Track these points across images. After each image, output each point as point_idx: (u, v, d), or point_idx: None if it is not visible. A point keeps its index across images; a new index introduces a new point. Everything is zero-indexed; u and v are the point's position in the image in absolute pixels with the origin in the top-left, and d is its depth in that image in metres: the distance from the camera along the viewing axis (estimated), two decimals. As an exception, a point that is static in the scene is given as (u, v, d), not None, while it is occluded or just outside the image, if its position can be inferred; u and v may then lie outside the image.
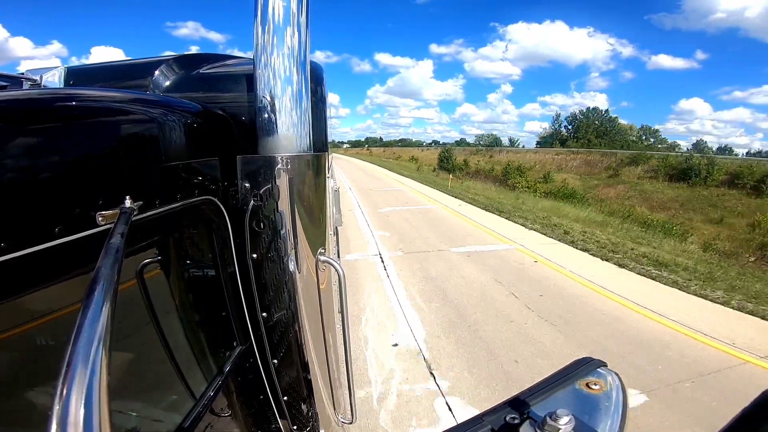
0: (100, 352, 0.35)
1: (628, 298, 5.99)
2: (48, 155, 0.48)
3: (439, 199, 16.38)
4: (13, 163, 0.44)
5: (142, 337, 0.79)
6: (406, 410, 3.41)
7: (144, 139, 0.64)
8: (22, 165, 0.45)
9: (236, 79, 1.08)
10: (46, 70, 1.09)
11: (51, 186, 0.47)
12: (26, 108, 0.48)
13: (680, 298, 6.24)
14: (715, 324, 5.24)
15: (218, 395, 0.88)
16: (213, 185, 0.80)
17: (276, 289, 0.86)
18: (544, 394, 0.64)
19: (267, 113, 0.79)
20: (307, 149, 0.83)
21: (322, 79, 1.05)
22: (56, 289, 0.50)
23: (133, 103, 0.66)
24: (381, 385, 3.75)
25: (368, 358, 4.19)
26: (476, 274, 6.87)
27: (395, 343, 4.52)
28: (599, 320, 5.27)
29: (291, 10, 0.77)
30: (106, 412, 0.33)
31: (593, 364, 0.73)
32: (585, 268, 7.38)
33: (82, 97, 0.60)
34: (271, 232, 0.81)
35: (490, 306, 5.61)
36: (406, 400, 3.55)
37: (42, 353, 0.60)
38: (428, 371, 4.01)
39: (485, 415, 0.60)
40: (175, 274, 0.86)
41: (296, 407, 1.00)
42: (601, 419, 0.61)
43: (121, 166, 0.58)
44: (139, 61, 1.14)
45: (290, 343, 0.92)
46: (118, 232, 0.47)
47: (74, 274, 0.51)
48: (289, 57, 0.78)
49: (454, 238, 9.51)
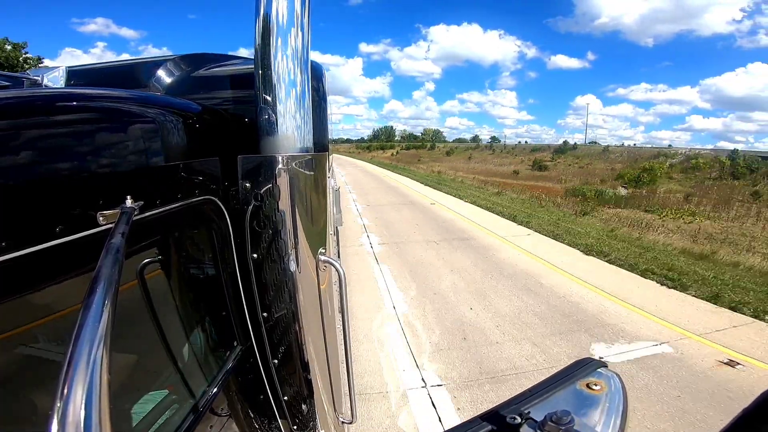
0: (100, 352, 0.35)
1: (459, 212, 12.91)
2: (49, 155, 0.48)
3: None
4: (14, 163, 0.44)
5: (142, 337, 0.79)
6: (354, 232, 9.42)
7: (145, 138, 0.64)
8: (23, 165, 0.45)
9: (237, 79, 1.08)
10: (48, 70, 1.09)
11: (52, 185, 0.47)
12: (27, 108, 0.49)
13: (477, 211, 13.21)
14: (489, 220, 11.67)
15: (218, 395, 0.88)
16: (214, 185, 0.80)
17: (276, 288, 0.86)
18: (545, 395, 0.64)
19: (268, 113, 0.79)
20: (308, 149, 0.83)
21: (322, 79, 1.05)
22: (57, 288, 0.50)
23: (134, 103, 0.66)
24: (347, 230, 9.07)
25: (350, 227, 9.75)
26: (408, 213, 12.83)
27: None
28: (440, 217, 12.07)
29: (295, 12, 0.77)
30: (106, 412, 0.33)
31: (594, 364, 0.73)
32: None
33: (83, 97, 0.60)
34: (271, 232, 0.81)
35: (403, 219, 11.62)
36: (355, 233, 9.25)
37: (43, 352, 0.61)
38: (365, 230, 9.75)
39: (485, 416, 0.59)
40: (176, 273, 0.86)
41: (296, 407, 1.00)
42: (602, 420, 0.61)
43: (121, 166, 0.58)
44: (140, 62, 1.15)
45: (290, 342, 0.92)
46: (119, 231, 0.47)
47: (75, 273, 0.51)
48: (292, 57, 0.78)
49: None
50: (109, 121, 0.59)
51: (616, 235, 10.75)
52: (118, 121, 0.60)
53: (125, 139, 0.61)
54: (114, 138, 0.59)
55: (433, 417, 3.29)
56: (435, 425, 3.17)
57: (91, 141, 0.54)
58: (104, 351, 0.35)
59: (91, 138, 0.54)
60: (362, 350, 4.21)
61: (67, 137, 0.50)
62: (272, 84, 0.77)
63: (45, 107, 0.51)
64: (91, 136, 0.54)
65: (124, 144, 0.60)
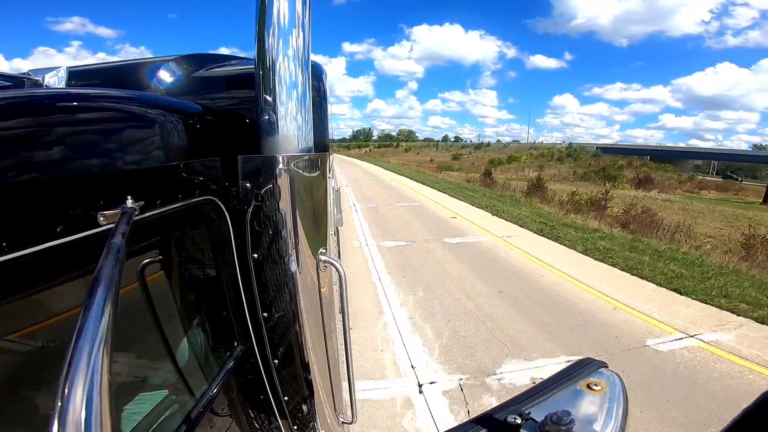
0: (101, 353, 0.35)
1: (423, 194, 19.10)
2: (49, 155, 0.48)
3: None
4: (15, 163, 0.44)
5: (142, 337, 0.79)
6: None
7: (145, 139, 0.64)
8: (24, 165, 0.45)
9: (238, 79, 1.08)
10: (49, 71, 1.09)
11: (52, 186, 0.47)
12: (28, 108, 0.49)
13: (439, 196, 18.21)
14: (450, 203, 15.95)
15: (218, 395, 0.88)
16: (214, 185, 0.80)
17: (277, 289, 0.86)
18: (545, 396, 0.64)
19: (269, 113, 0.79)
20: (309, 149, 0.83)
21: (322, 79, 1.05)
22: (57, 289, 0.50)
23: (135, 103, 0.66)
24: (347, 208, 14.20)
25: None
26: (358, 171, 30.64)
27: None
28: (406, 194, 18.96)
29: (296, 12, 0.77)
30: (107, 413, 0.33)
31: (594, 365, 0.73)
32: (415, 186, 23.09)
33: (83, 97, 0.60)
34: (272, 232, 0.81)
35: (358, 172, 31.42)
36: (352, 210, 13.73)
37: (43, 353, 0.61)
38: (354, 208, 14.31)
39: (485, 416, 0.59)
40: (176, 274, 0.86)
41: (296, 407, 1.00)
42: (603, 420, 0.61)
43: (122, 166, 0.58)
44: (141, 62, 1.15)
45: (291, 343, 0.92)
46: (120, 232, 0.47)
47: (75, 274, 0.51)
48: (293, 58, 0.78)
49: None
50: (109, 121, 0.59)
51: (444, 178, 28.52)
52: (119, 122, 0.60)
53: (126, 139, 0.61)
54: (114, 138, 0.59)
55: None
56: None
57: (91, 141, 0.54)
58: (105, 351, 0.35)
59: (92, 138, 0.54)
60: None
61: (67, 137, 0.50)
62: (273, 84, 0.77)
63: (45, 107, 0.51)
64: (91, 137, 0.54)
65: (125, 144, 0.60)
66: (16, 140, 0.44)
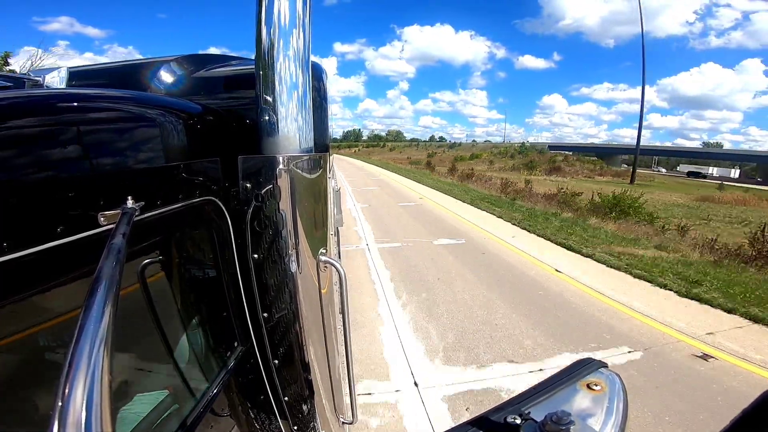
0: (101, 353, 0.35)
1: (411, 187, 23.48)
2: (49, 156, 0.48)
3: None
4: (15, 164, 0.44)
5: (143, 337, 0.79)
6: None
7: (145, 139, 0.64)
8: (24, 165, 0.45)
9: (238, 79, 1.08)
10: (49, 71, 1.09)
11: (53, 186, 0.47)
12: (28, 108, 0.49)
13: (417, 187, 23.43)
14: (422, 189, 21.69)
15: (219, 395, 0.88)
16: (214, 185, 0.80)
17: (277, 289, 0.86)
18: (545, 395, 0.64)
19: (269, 113, 0.79)
20: (309, 149, 0.83)
21: (323, 79, 1.05)
22: (58, 289, 0.50)
23: (135, 104, 0.66)
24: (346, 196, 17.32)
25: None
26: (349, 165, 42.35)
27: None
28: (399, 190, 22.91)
29: (297, 12, 0.77)
30: (107, 412, 0.33)
31: (594, 365, 0.73)
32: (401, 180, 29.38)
33: (83, 97, 0.60)
34: (272, 233, 0.81)
35: (349, 167, 40.65)
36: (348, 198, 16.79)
37: (44, 353, 0.61)
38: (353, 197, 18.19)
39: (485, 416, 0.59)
40: (177, 274, 0.86)
41: (297, 407, 1.00)
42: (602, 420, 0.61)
43: (122, 167, 0.58)
44: (141, 62, 1.15)
45: (291, 343, 0.92)
46: (120, 232, 0.47)
47: (76, 274, 0.51)
48: (294, 58, 0.78)
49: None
50: (110, 121, 0.59)
51: (403, 167, 43.18)
52: (119, 122, 0.60)
53: (126, 140, 0.61)
54: (115, 138, 0.59)
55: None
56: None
57: (91, 141, 0.54)
58: (105, 352, 0.35)
59: (92, 138, 0.54)
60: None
61: (67, 138, 0.50)
62: (273, 85, 0.77)
63: (45, 108, 0.51)
64: (91, 137, 0.54)
65: (125, 144, 0.60)
66: (16, 141, 0.44)
